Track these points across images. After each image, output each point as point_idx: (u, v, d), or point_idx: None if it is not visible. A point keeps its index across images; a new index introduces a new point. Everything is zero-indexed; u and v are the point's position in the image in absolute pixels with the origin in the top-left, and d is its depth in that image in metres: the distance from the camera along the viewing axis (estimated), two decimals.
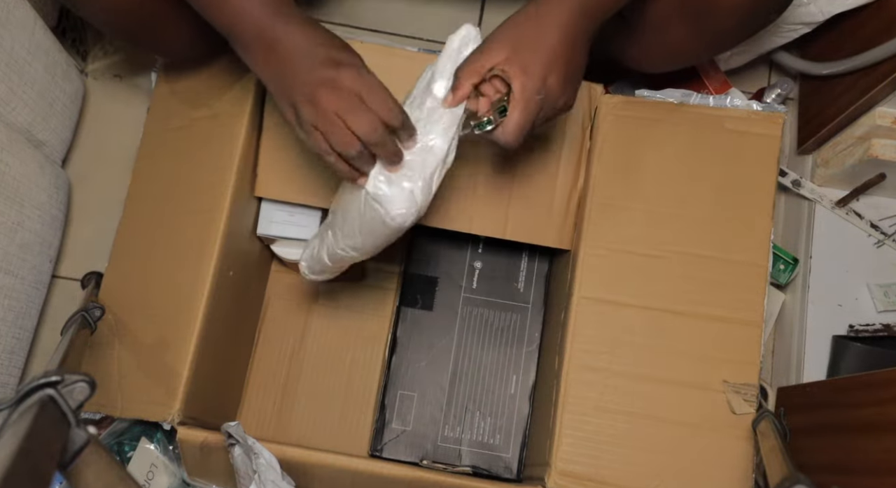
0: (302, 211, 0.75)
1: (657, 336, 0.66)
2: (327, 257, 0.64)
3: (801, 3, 0.80)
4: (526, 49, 0.52)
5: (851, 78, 0.82)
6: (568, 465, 0.63)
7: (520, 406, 0.79)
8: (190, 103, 0.74)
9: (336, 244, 0.62)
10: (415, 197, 0.54)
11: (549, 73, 0.52)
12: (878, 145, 0.80)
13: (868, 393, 0.62)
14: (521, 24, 0.54)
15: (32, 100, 0.77)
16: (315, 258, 0.66)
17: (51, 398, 0.39)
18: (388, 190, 0.53)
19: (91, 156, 0.92)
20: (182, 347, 0.64)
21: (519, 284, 0.82)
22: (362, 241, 0.59)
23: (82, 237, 0.89)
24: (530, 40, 0.53)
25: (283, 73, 0.53)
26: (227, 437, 0.61)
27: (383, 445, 0.78)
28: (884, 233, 0.86)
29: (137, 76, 0.95)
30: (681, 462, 0.63)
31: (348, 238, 0.60)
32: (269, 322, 0.85)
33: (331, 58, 0.52)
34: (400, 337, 0.81)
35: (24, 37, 0.74)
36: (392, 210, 0.54)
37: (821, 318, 0.84)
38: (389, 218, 0.54)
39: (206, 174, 0.69)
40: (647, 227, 0.68)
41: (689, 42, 0.66)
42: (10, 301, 0.74)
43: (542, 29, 0.53)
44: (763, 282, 0.67)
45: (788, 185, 0.88)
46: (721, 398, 0.64)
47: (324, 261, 0.65)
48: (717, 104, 0.71)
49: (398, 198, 0.53)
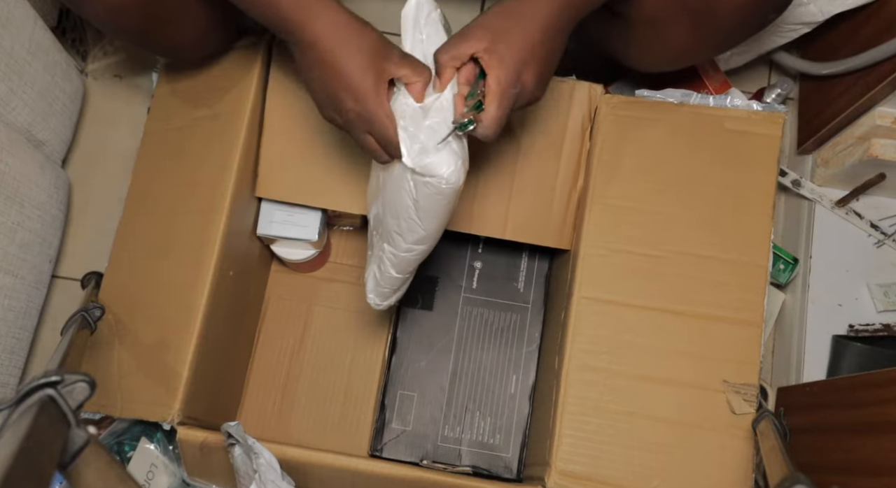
0: (302, 211, 0.75)
1: (657, 336, 0.66)
2: (395, 270, 0.63)
3: (801, 3, 0.80)
4: (505, 41, 0.52)
5: (851, 78, 0.82)
6: (568, 465, 0.63)
7: (520, 406, 0.79)
8: (191, 103, 0.74)
9: (398, 250, 0.60)
10: (454, 149, 0.53)
11: (524, 67, 0.52)
12: (878, 145, 0.80)
13: (868, 393, 0.62)
14: (503, 15, 0.53)
15: (32, 100, 0.77)
16: (383, 280, 0.64)
17: (51, 398, 0.39)
18: (430, 157, 0.52)
19: (91, 156, 0.92)
20: (182, 347, 0.64)
21: (519, 284, 0.82)
22: (425, 228, 0.57)
23: (82, 237, 0.89)
24: (511, 33, 0.52)
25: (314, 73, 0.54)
26: (226, 437, 0.61)
27: (383, 445, 0.78)
28: (884, 233, 0.86)
29: (137, 76, 0.95)
30: (681, 462, 0.63)
31: (410, 234, 0.58)
32: (269, 322, 0.85)
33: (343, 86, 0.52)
34: (400, 337, 0.81)
35: (24, 37, 0.74)
36: (444, 172, 0.52)
37: (821, 318, 0.84)
38: (445, 182, 0.53)
39: (206, 174, 0.69)
40: (647, 227, 0.68)
41: (690, 42, 0.66)
42: (10, 301, 0.74)
43: (524, 22, 0.52)
44: (763, 282, 0.67)
45: (788, 185, 0.88)
46: (721, 398, 0.64)
47: (393, 277, 0.63)
48: (717, 104, 0.71)
49: (443, 159, 0.52)
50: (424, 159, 0.52)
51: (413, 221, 0.57)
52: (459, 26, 0.55)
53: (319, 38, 0.52)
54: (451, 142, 0.53)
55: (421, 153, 0.53)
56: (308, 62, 0.54)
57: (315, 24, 0.52)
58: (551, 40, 0.53)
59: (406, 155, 0.53)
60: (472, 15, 0.98)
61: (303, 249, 0.80)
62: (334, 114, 0.55)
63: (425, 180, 0.53)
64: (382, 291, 0.66)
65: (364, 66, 0.52)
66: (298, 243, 0.78)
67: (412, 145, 0.53)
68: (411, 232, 0.58)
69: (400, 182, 0.55)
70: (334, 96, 0.53)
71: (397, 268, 0.62)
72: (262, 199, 0.75)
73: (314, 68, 0.53)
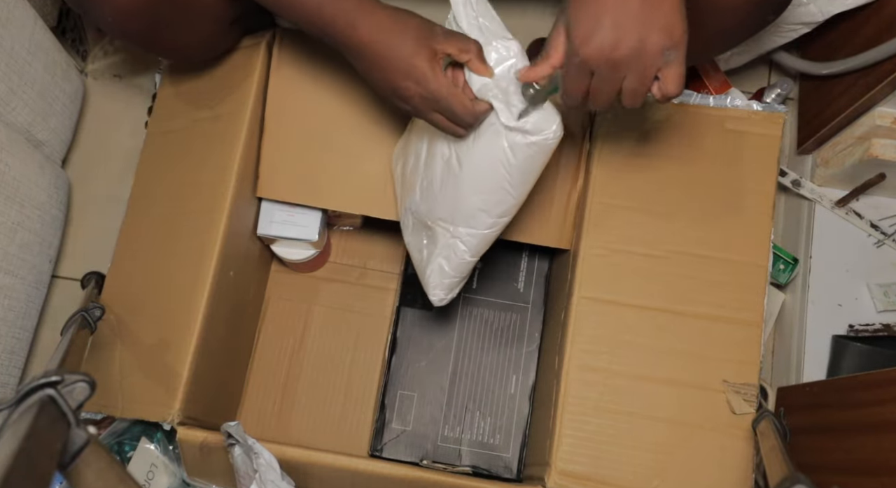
0: (302, 211, 0.75)
1: (657, 336, 0.66)
2: (471, 254, 0.63)
3: (801, 3, 0.80)
4: (573, 6, 0.48)
5: (851, 78, 0.82)
6: (568, 465, 0.63)
7: (520, 406, 0.79)
8: (193, 104, 0.74)
9: (480, 228, 0.60)
10: (551, 105, 0.53)
11: (592, 28, 0.47)
12: (878, 145, 0.79)
13: (868, 393, 0.62)
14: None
15: (32, 99, 0.77)
16: (454, 270, 0.64)
17: (51, 398, 0.39)
18: (534, 115, 0.53)
19: (91, 156, 0.92)
20: (182, 347, 0.64)
21: (519, 284, 0.82)
22: (516, 195, 0.58)
23: (82, 237, 0.89)
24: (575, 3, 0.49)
25: (368, 76, 0.57)
26: (226, 437, 0.61)
27: (383, 445, 0.78)
28: (884, 233, 0.86)
29: (137, 76, 0.96)
30: (681, 462, 0.63)
31: (497, 206, 0.59)
32: (269, 322, 0.85)
33: (399, 74, 0.54)
34: (400, 337, 0.81)
35: (24, 37, 0.74)
36: (552, 126, 0.53)
37: (821, 318, 0.84)
38: (553, 135, 0.53)
39: (207, 174, 0.70)
40: (647, 227, 0.68)
41: (692, 41, 0.66)
42: (10, 301, 0.74)
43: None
44: (763, 282, 0.67)
45: (788, 185, 0.88)
46: (721, 398, 0.64)
47: (467, 263, 0.63)
48: (717, 104, 0.71)
49: (548, 115, 0.53)
50: (528, 118, 0.53)
51: (505, 191, 0.57)
52: None
53: (367, 41, 0.54)
54: (547, 104, 0.53)
55: (522, 114, 0.53)
56: (364, 65, 0.56)
57: (359, 30, 0.54)
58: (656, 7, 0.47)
59: (507, 118, 0.53)
60: None
61: (303, 249, 0.80)
62: (402, 103, 0.56)
63: (530, 140, 0.53)
64: (451, 282, 0.66)
65: (413, 51, 0.53)
66: (298, 243, 0.78)
67: (508, 109, 0.53)
68: (500, 203, 0.58)
69: (489, 152, 0.55)
70: (396, 87, 0.55)
71: (474, 250, 0.63)
72: (263, 199, 0.75)
73: (372, 69, 0.55)
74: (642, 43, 0.47)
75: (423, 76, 0.54)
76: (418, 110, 0.56)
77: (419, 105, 0.55)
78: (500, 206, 0.59)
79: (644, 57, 0.47)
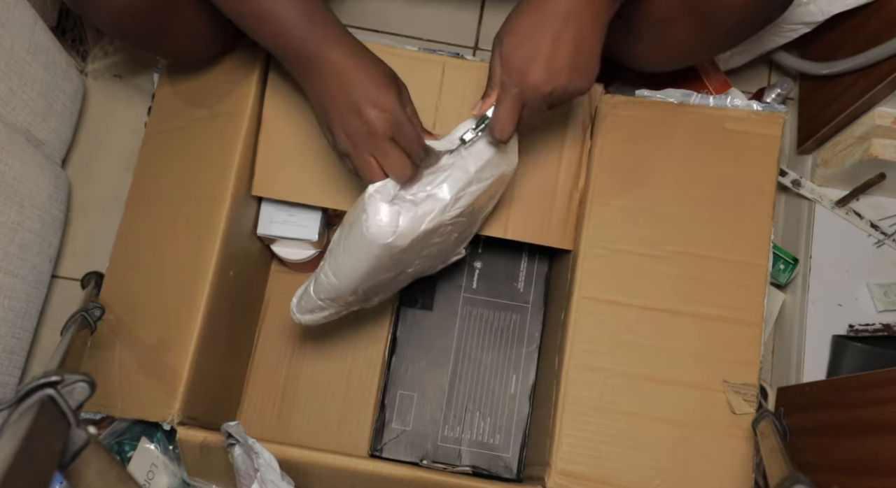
0: (302, 211, 0.75)
1: (657, 336, 0.66)
2: (312, 288, 0.64)
3: (801, 3, 0.80)
4: (509, 40, 0.53)
5: (851, 78, 0.82)
6: (568, 465, 0.63)
7: (520, 406, 0.79)
8: (191, 103, 0.74)
9: (321, 268, 0.62)
10: (399, 220, 0.55)
11: (530, 63, 0.52)
12: (878, 145, 0.80)
13: (868, 393, 0.62)
14: (517, 12, 0.54)
15: (32, 100, 0.77)
16: (304, 292, 0.66)
17: (51, 398, 0.39)
18: (382, 202, 0.55)
19: (91, 156, 0.92)
20: (182, 347, 0.64)
21: (519, 284, 0.82)
22: (340, 260, 0.60)
23: (82, 237, 0.89)
24: (517, 31, 0.53)
25: (322, 97, 0.56)
26: (226, 437, 0.61)
27: (383, 445, 0.78)
28: (884, 232, 0.86)
29: (137, 76, 0.96)
30: (681, 462, 0.63)
31: (331, 258, 0.61)
32: (269, 322, 0.85)
33: (368, 97, 0.54)
34: (400, 337, 0.81)
35: (24, 37, 0.74)
36: (372, 218, 0.55)
37: (821, 318, 0.84)
38: (366, 227, 0.55)
39: (206, 174, 0.69)
40: (647, 227, 0.68)
41: (691, 41, 0.66)
42: (10, 301, 0.74)
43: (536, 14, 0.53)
44: (763, 282, 0.67)
45: (788, 185, 0.88)
46: (721, 398, 0.64)
47: (309, 294, 0.65)
48: (717, 104, 0.71)
49: (384, 211, 0.55)
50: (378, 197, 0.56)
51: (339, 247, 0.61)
52: (459, 25, 0.56)
53: (336, 60, 0.54)
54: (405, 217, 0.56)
55: (381, 195, 0.56)
56: (325, 84, 0.55)
57: (330, 50, 0.54)
58: (576, 26, 0.52)
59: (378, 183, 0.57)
60: (473, 15, 0.98)
61: (303, 249, 0.80)
62: (342, 133, 0.56)
63: (361, 213, 0.56)
64: (299, 303, 0.67)
65: (384, 82, 0.55)
66: (298, 243, 0.78)
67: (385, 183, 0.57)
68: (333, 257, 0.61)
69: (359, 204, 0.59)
70: (354, 110, 0.54)
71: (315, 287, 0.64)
72: (263, 200, 0.75)
73: (331, 90, 0.55)
74: (568, 84, 0.53)
75: (392, 102, 0.54)
76: (357, 144, 0.55)
77: (363, 138, 0.55)
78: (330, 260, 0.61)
79: (566, 96, 0.54)
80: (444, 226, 0.59)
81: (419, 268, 0.67)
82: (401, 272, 0.64)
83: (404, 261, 0.61)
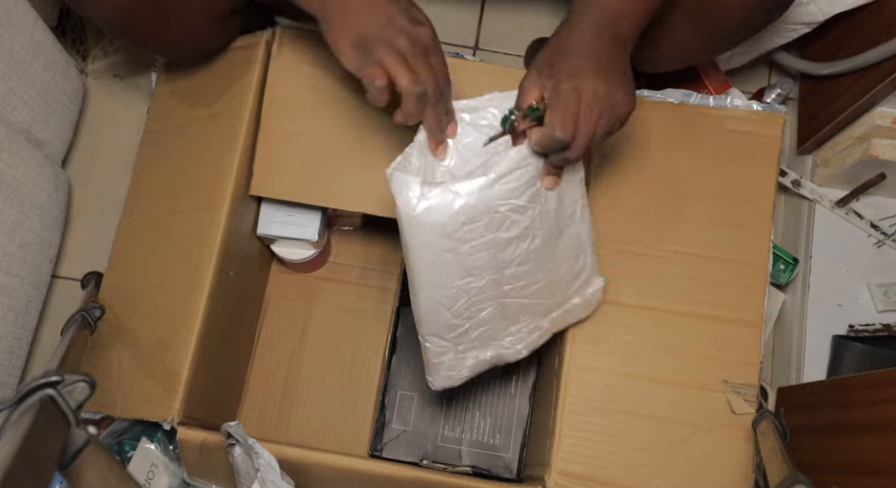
0: (302, 211, 0.75)
1: (657, 336, 0.66)
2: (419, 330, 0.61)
3: (801, 3, 0.80)
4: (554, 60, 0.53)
5: (851, 78, 0.82)
6: (568, 465, 0.63)
7: (520, 406, 0.79)
8: (190, 102, 0.74)
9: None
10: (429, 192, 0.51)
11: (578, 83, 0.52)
12: (878, 145, 0.80)
13: (868, 393, 0.62)
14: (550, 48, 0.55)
15: (32, 100, 0.77)
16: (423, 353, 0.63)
17: (51, 398, 0.39)
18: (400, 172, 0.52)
19: (91, 156, 0.92)
20: (182, 347, 0.64)
21: None
22: (408, 269, 0.57)
23: (82, 237, 0.89)
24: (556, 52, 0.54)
25: (360, 14, 0.53)
26: (226, 437, 0.61)
27: (383, 445, 0.78)
28: (884, 233, 0.86)
29: (137, 76, 0.96)
30: (681, 462, 0.63)
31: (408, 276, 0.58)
32: (269, 322, 0.85)
33: (410, 13, 0.54)
34: (400, 337, 0.81)
35: (24, 37, 0.74)
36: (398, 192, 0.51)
37: (821, 318, 0.84)
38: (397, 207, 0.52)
39: (206, 173, 0.69)
40: (648, 227, 0.68)
41: (692, 41, 0.66)
42: (10, 301, 0.74)
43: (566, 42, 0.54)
44: (763, 282, 0.67)
45: (788, 185, 0.88)
46: (721, 398, 0.64)
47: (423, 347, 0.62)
48: (717, 104, 0.71)
49: (404, 180, 0.51)
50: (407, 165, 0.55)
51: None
52: (459, 25, 0.56)
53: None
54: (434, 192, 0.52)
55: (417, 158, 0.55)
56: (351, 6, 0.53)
57: None
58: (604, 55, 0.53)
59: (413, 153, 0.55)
60: (473, 15, 0.97)
61: (303, 249, 0.80)
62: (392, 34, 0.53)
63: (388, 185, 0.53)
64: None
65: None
66: (298, 243, 0.78)
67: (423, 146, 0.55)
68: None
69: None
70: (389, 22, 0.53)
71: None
72: (263, 200, 0.75)
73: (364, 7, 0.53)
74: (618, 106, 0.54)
75: (424, 20, 0.54)
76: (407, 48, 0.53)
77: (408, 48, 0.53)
78: None
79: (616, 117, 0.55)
80: (499, 213, 0.54)
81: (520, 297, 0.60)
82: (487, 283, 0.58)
83: (474, 260, 0.56)
